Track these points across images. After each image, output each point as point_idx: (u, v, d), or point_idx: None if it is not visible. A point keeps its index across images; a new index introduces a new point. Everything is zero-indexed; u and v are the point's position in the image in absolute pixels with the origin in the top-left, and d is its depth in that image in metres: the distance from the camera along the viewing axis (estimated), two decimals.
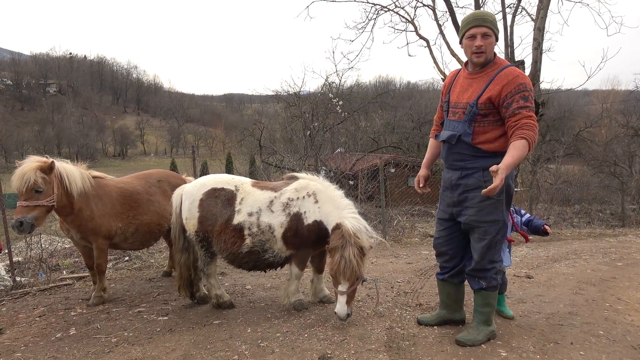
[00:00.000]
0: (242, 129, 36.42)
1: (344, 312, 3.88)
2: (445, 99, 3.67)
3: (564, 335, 3.77)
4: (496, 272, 3.53)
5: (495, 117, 3.34)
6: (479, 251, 3.49)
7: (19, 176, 4.36)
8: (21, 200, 4.36)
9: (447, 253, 3.77)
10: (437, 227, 3.85)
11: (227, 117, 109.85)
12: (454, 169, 3.58)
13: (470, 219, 3.48)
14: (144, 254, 7.83)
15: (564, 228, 12.79)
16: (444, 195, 3.72)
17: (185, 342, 3.83)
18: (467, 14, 3.72)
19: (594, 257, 7.21)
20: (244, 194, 4.43)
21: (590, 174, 27.97)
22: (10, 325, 4.57)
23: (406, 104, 43.05)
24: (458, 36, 3.60)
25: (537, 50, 11.76)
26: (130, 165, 71.79)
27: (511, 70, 3.31)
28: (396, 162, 18.34)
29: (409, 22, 14.21)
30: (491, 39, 3.34)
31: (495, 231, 3.43)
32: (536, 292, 5.06)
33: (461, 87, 3.52)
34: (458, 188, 3.54)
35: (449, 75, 3.80)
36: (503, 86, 3.25)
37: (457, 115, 3.49)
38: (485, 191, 3.08)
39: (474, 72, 3.47)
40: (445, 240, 3.75)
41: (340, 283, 3.90)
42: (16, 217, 4.32)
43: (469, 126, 3.40)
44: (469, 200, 3.47)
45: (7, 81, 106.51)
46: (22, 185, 4.34)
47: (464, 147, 3.46)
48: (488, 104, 3.31)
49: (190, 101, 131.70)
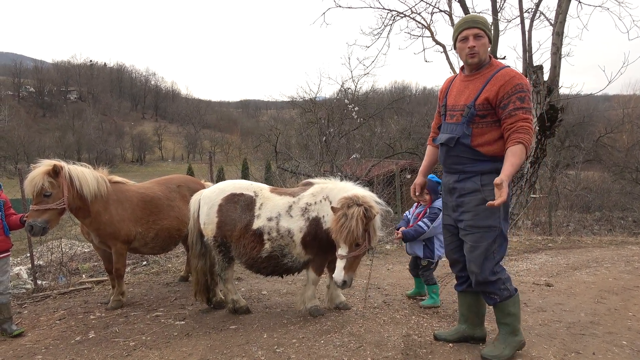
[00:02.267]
0: (258, 135, 36.67)
1: (340, 278, 3.84)
2: (442, 103, 3.66)
3: (586, 345, 3.69)
4: (503, 282, 3.39)
5: (493, 118, 3.31)
6: (476, 262, 3.37)
7: (29, 181, 4.49)
8: (32, 204, 4.50)
9: (459, 261, 3.64)
10: (444, 234, 3.77)
11: (243, 123, 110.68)
12: (452, 172, 3.54)
13: (466, 224, 3.41)
14: (161, 258, 7.91)
15: (584, 235, 12.53)
16: (445, 200, 3.68)
17: (202, 347, 3.85)
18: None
19: (616, 265, 7.05)
20: (263, 200, 4.47)
21: (611, 180, 27.39)
22: (32, 328, 4.66)
23: (422, 110, 42.74)
24: (452, 41, 3.59)
25: (556, 55, 11.61)
26: (148, 171, 72.71)
27: (508, 71, 3.30)
28: (412, 168, 18.19)
29: (425, 27, 14.16)
30: (484, 40, 3.34)
31: (492, 238, 3.33)
32: (556, 301, 4.97)
33: (458, 90, 3.51)
34: (455, 192, 3.49)
35: (445, 81, 3.80)
36: (500, 87, 3.24)
37: (455, 117, 3.46)
38: (490, 204, 3.04)
39: (470, 74, 3.47)
40: (455, 247, 3.65)
41: (340, 246, 3.87)
42: (27, 220, 4.45)
43: (467, 128, 3.36)
44: (465, 205, 3.42)
45: (30, 88, 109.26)
46: (32, 190, 4.47)
47: (463, 149, 3.40)
48: (486, 104, 3.29)
49: (207, 107, 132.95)
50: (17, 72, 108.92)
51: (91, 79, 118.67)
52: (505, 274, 3.44)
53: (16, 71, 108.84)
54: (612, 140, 33.78)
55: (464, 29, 3.37)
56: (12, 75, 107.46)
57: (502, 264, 3.48)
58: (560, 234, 11.75)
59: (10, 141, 67.36)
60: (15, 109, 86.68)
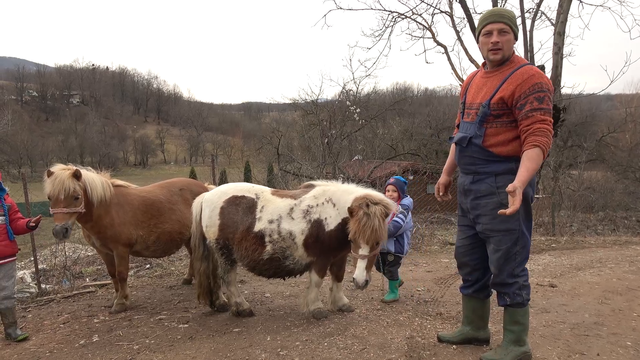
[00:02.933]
0: (260, 137, 36.74)
1: (362, 278, 3.82)
2: (462, 100, 3.52)
3: (590, 346, 3.68)
4: (520, 287, 3.27)
5: (509, 118, 3.16)
6: (495, 263, 3.29)
7: (59, 183, 4.47)
8: (60, 207, 4.46)
9: (468, 264, 3.56)
10: (459, 235, 3.64)
11: (246, 126, 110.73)
12: (466, 173, 3.42)
13: (484, 227, 3.30)
14: (164, 261, 7.92)
15: (587, 235, 12.49)
16: (460, 201, 3.55)
17: (206, 350, 3.85)
18: (484, 12, 3.59)
19: (620, 265, 7.03)
20: (264, 202, 4.47)
21: (615, 180, 27.33)
22: (36, 332, 4.67)
23: (424, 111, 42.82)
24: (474, 35, 3.48)
25: (557, 55, 11.58)
26: (151, 174, 72.89)
27: (527, 69, 3.12)
28: (414, 169, 18.21)
29: (426, 29, 14.15)
30: (509, 36, 3.16)
31: (511, 241, 3.21)
32: (560, 302, 4.95)
33: (476, 87, 3.37)
34: (470, 194, 3.37)
35: (468, 76, 3.65)
36: (517, 86, 3.07)
37: (471, 116, 3.34)
38: (502, 212, 2.93)
39: (489, 71, 3.31)
40: (466, 249, 3.54)
41: (360, 246, 3.85)
42: (60, 223, 4.43)
43: (480, 128, 3.23)
44: (481, 208, 3.30)
45: (33, 93, 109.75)
46: (62, 193, 4.46)
47: (475, 150, 3.28)
48: (501, 104, 3.14)
49: (209, 110, 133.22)
50: (20, 76, 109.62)
51: (93, 83, 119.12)
52: (525, 280, 3.31)
53: (19, 75, 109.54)
54: (614, 140, 33.70)
55: (489, 22, 3.18)
56: (15, 80, 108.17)
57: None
58: (564, 235, 11.71)
59: (14, 145, 67.60)
60: (18, 113, 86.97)
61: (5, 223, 4.50)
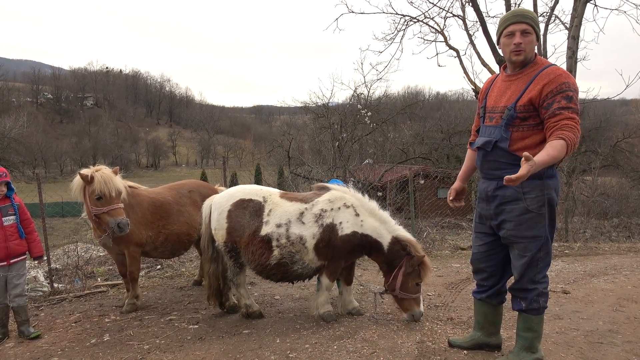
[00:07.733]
0: (271, 140, 36.86)
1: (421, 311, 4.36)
2: (481, 104, 3.45)
3: (604, 354, 3.61)
4: (538, 294, 3.21)
5: (535, 121, 3.08)
6: (519, 269, 3.21)
7: (115, 183, 4.74)
8: (116, 203, 4.71)
9: (485, 270, 3.49)
10: (475, 242, 3.56)
11: (256, 129, 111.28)
12: (490, 178, 3.31)
13: (508, 233, 3.22)
14: (175, 262, 7.97)
15: (601, 242, 12.30)
16: (480, 207, 3.45)
17: (215, 351, 3.86)
18: (504, 13, 3.55)
19: (635, 272, 6.90)
20: (272, 205, 4.46)
21: (629, 186, 26.87)
22: (48, 330, 4.72)
23: (435, 115, 42.64)
24: (496, 35, 3.42)
25: (571, 59, 11.47)
26: (162, 176, 73.40)
27: (554, 69, 3.06)
28: (426, 173, 18.16)
29: (438, 32, 14.11)
30: (531, 37, 3.09)
31: (536, 248, 3.14)
32: (573, 308, 4.88)
33: (499, 90, 3.29)
34: (494, 200, 3.27)
35: (486, 81, 3.58)
36: (544, 85, 3.00)
37: (494, 120, 3.25)
38: (507, 178, 2.72)
39: (512, 73, 3.23)
40: (483, 256, 3.48)
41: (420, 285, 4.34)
42: (121, 217, 4.68)
43: (506, 131, 3.15)
44: (506, 213, 3.21)
45: (48, 95, 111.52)
46: (114, 190, 4.71)
47: (501, 154, 3.19)
48: (528, 106, 3.05)
49: (221, 113, 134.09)
50: (35, 79, 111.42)
51: (107, 86, 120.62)
52: (545, 287, 3.24)
53: (34, 78, 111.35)
54: (630, 146, 33.14)
55: (511, 23, 3.12)
56: (30, 82, 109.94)
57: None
58: (577, 241, 11.55)
59: (29, 146, 68.50)
60: (34, 115, 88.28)
61: (16, 222, 4.56)
